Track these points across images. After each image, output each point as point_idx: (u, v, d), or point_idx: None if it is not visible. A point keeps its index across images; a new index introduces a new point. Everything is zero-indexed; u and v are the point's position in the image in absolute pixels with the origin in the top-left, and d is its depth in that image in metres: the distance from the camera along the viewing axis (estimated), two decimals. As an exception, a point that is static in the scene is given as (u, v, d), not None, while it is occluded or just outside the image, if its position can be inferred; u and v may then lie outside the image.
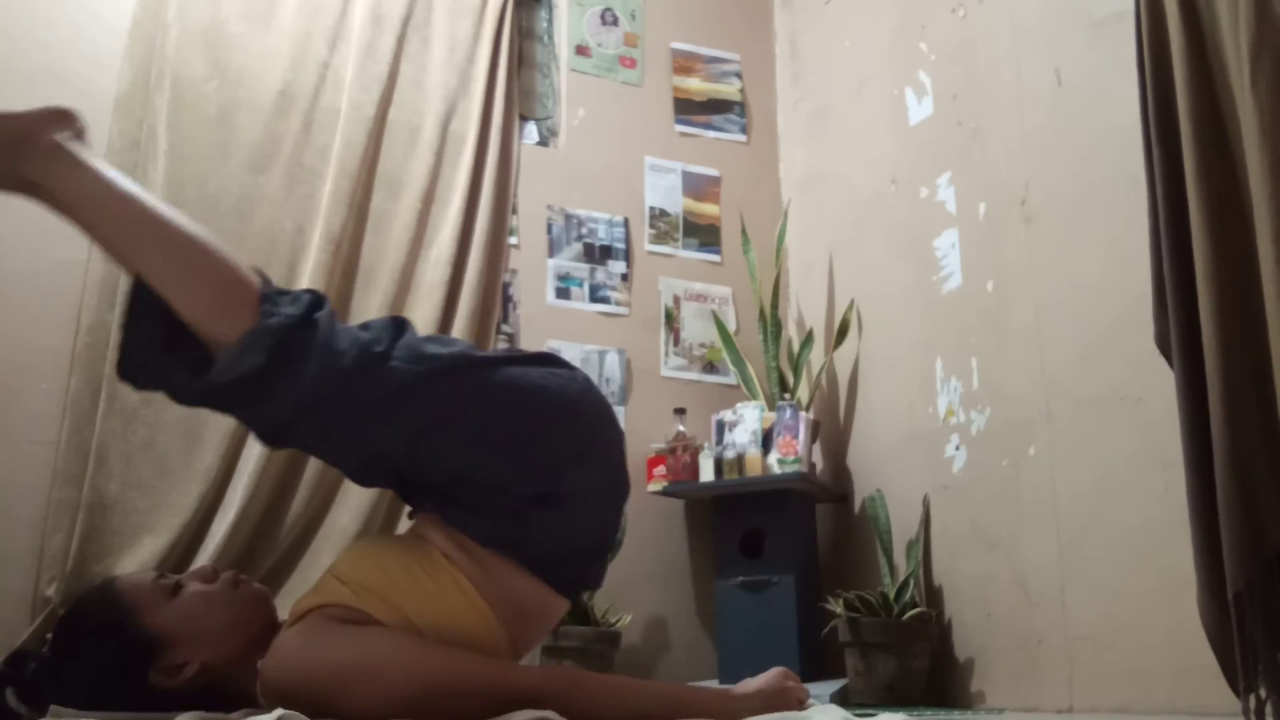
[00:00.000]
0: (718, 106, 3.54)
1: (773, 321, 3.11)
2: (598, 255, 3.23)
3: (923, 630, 2.46)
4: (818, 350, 3.14)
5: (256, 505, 2.49)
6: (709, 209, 3.43)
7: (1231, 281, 1.47)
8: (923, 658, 2.44)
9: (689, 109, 3.50)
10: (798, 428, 2.90)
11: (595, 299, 3.19)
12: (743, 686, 1.35)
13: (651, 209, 3.35)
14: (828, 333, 3.17)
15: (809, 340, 3.12)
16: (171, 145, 2.63)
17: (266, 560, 2.49)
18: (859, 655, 2.44)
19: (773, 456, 2.88)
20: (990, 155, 2.57)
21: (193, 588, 1.34)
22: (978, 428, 2.52)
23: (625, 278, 3.25)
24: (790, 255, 3.38)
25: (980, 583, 2.44)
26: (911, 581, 2.53)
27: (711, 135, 3.51)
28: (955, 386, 2.61)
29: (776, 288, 3.18)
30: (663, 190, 3.38)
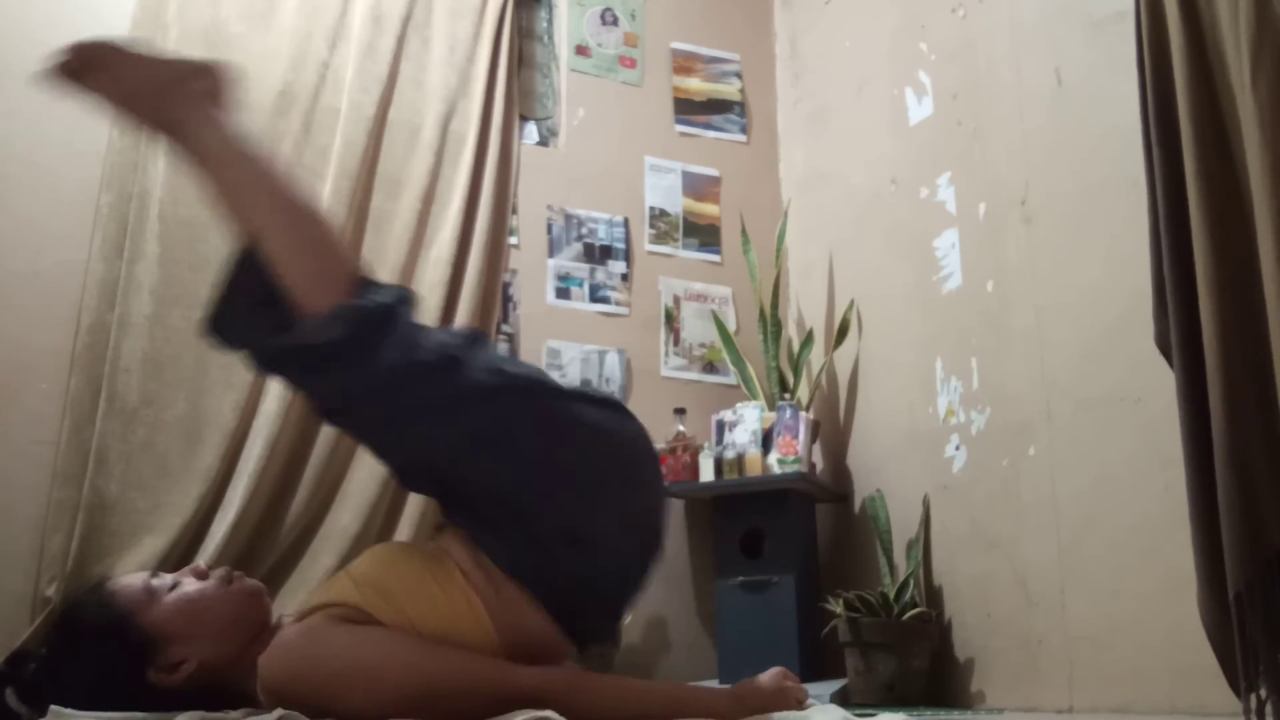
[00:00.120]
0: (718, 106, 3.54)
1: (773, 321, 3.11)
2: (598, 255, 3.23)
3: (923, 630, 2.46)
4: (818, 350, 3.14)
5: (256, 505, 2.49)
6: (709, 209, 3.43)
7: (1232, 281, 1.47)
8: (923, 658, 2.44)
9: (689, 109, 3.50)
10: (798, 428, 2.90)
11: (595, 299, 3.18)
12: (742, 687, 1.35)
13: (651, 209, 3.35)
14: (828, 333, 3.17)
15: (809, 340, 3.12)
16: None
17: (266, 560, 2.49)
18: (859, 655, 2.44)
19: (773, 456, 2.88)
20: (990, 155, 2.57)
21: (186, 585, 1.35)
22: (978, 428, 2.52)
23: (625, 278, 3.25)
24: (790, 255, 3.38)
25: (980, 583, 2.44)
26: (911, 581, 2.53)
27: (711, 135, 3.50)
28: (955, 386, 2.61)
29: (776, 288, 3.18)
30: (663, 190, 3.38)
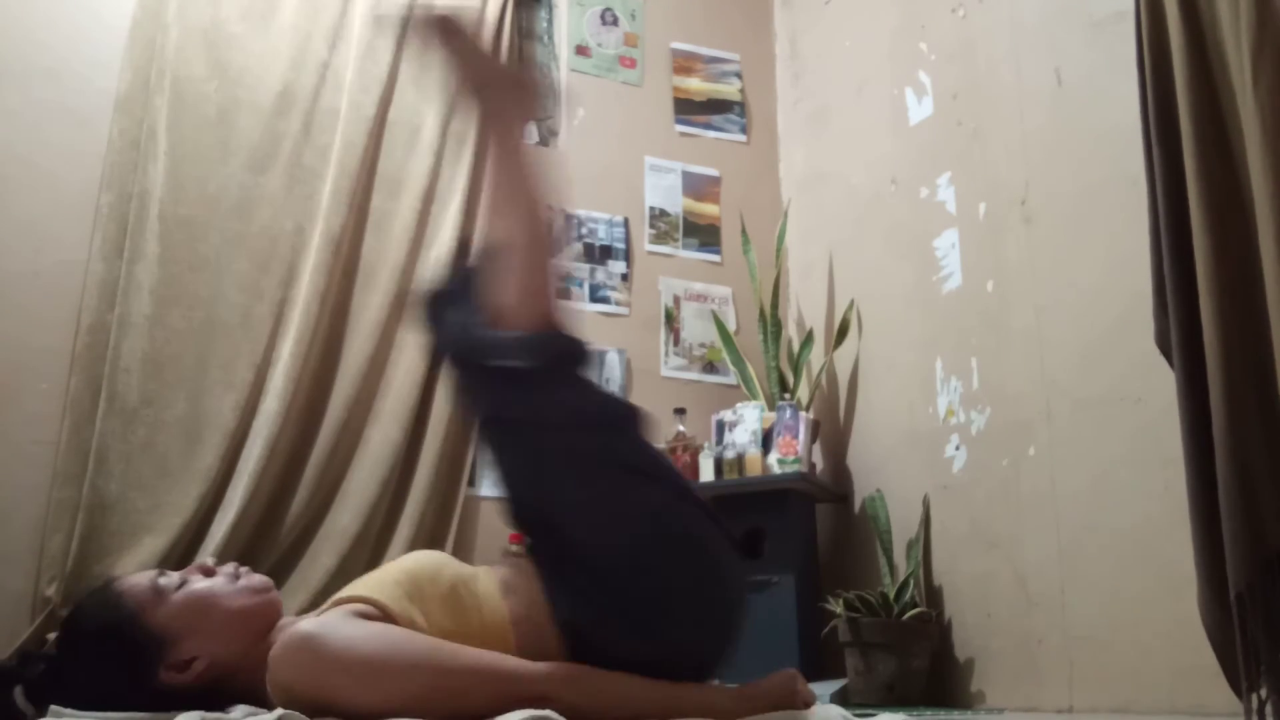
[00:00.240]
0: (718, 106, 3.54)
1: (773, 321, 3.11)
2: (598, 255, 3.23)
3: (923, 630, 2.46)
4: (818, 350, 3.14)
5: (256, 505, 2.49)
6: (709, 209, 3.43)
7: (1232, 281, 1.47)
8: (923, 658, 2.44)
9: (689, 109, 3.50)
10: (798, 428, 2.90)
11: (595, 299, 3.18)
12: (747, 686, 1.35)
13: (651, 209, 3.35)
14: (828, 333, 3.17)
15: (809, 340, 3.12)
16: (171, 145, 2.63)
17: (266, 560, 2.49)
18: (859, 655, 2.44)
19: (773, 456, 2.88)
20: (990, 155, 2.57)
21: (194, 583, 1.34)
22: (978, 428, 2.52)
23: (625, 278, 3.25)
24: (790, 255, 3.38)
25: (980, 583, 2.44)
26: (911, 581, 2.53)
27: (711, 135, 3.50)
28: (955, 386, 2.61)
29: (776, 288, 3.18)
30: (663, 190, 3.38)
